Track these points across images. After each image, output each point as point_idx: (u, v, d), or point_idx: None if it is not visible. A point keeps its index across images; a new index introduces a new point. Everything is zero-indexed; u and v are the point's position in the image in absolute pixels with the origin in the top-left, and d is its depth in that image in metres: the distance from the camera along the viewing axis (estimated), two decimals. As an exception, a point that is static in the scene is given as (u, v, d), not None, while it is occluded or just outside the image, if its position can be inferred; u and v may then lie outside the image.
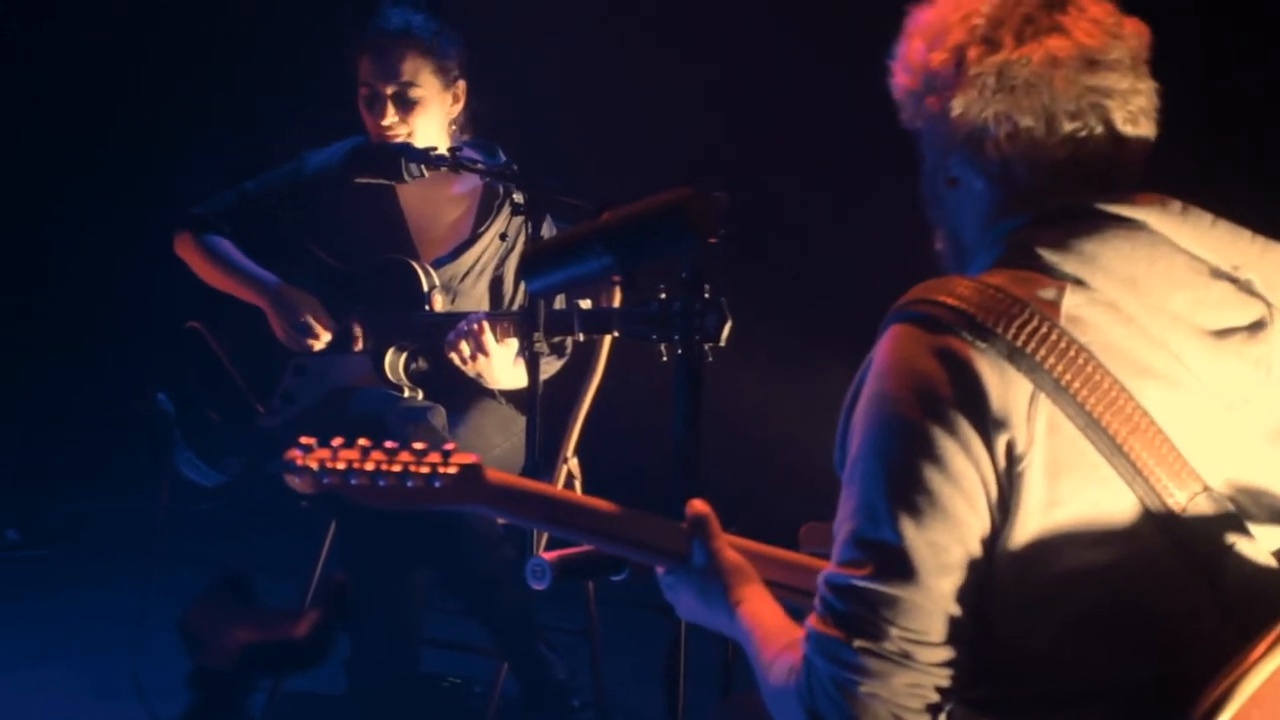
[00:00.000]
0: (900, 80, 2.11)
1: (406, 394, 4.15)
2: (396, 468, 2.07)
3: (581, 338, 3.66)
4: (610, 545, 2.26)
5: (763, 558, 2.28)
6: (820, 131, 5.76)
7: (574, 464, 4.09)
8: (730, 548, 2.23)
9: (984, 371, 1.87)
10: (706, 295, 2.58)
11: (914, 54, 2.08)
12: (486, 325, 3.92)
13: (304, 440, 2.09)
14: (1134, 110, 2.03)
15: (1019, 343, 1.87)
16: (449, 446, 2.09)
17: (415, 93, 4.20)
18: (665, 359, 3.30)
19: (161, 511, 4.28)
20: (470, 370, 4.01)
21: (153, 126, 6.39)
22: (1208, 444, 1.93)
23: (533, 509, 2.21)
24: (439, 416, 4.06)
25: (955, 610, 1.88)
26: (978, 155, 2.03)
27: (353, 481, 2.07)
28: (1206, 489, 1.91)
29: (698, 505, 2.26)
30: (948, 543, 1.87)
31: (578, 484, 4.09)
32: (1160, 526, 1.90)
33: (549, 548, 2.50)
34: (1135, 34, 2.05)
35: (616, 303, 3.60)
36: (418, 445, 2.08)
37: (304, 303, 4.19)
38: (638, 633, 4.60)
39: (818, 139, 5.76)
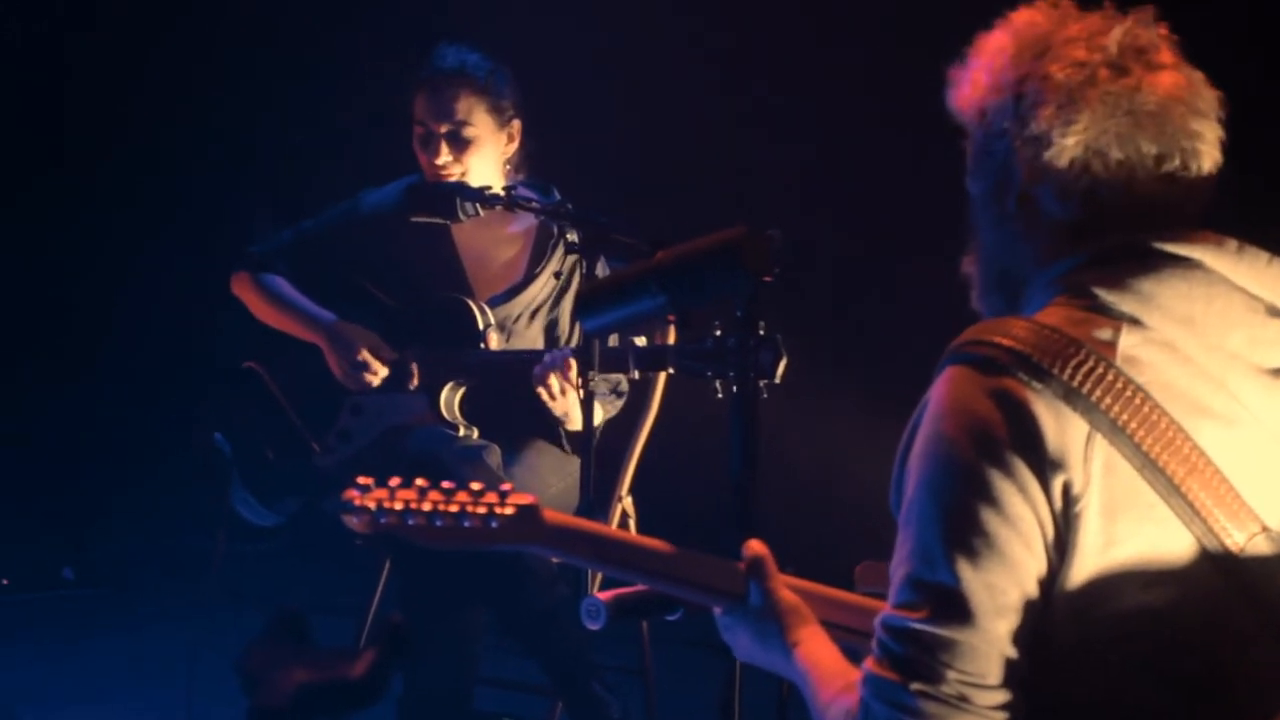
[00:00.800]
0: (983, 92, 2.08)
1: (462, 432, 4.16)
2: (454, 508, 2.07)
3: (636, 375, 3.65)
4: (667, 586, 2.26)
5: (819, 598, 2.27)
6: (881, 167, 5.75)
7: (628, 503, 4.09)
8: (786, 588, 2.22)
9: (1040, 413, 1.85)
10: (761, 332, 2.57)
11: (1013, 64, 2.05)
12: (574, 361, 3.91)
13: (361, 480, 2.09)
14: (1214, 157, 2.02)
15: (1075, 383, 1.85)
16: (506, 487, 2.09)
17: (469, 132, 4.22)
18: (720, 396, 3.30)
19: (218, 551, 4.29)
20: (557, 408, 4.00)
21: (221, 172, 6.43)
22: (1266, 483, 1.92)
23: (590, 549, 2.20)
24: (494, 455, 4.06)
25: (1012, 653, 1.86)
26: (1072, 179, 2.00)
27: (410, 521, 2.07)
28: (1265, 529, 1.90)
29: (755, 546, 2.25)
30: (1005, 585, 1.85)
31: (632, 523, 4.08)
32: (1219, 568, 1.88)
33: (604, 587, 2.49)
34: (1211, 85, 2.04)
35: (671, 341, 3.60)
36: (475, 485, 2.08)
37: (361, 339, 4.20)
38: (692, 672, 4.58)
39: (879, 175, 5.74)
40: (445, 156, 4.21)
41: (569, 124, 5.16)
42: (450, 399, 4.16)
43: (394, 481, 2.09)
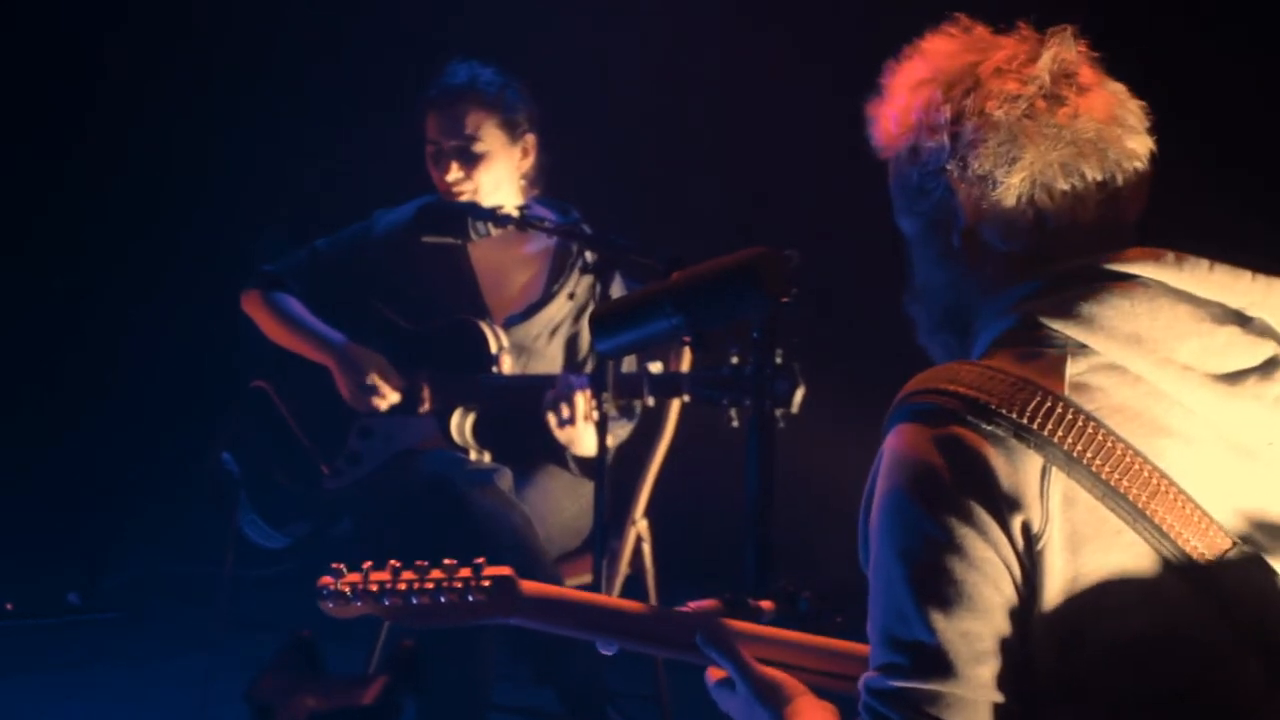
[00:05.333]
0: (912, 131, 2.06)
1: (473, 456, 4.14)
2: (429, 585, 2.07)
3: (651, 402, 3.64)
4: (653, 650, 2.25)
5: (802, 647, 2.24)
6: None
7: (643, 526, 4.08)
8: (760, 665, 2.18)
9: (990, 455, 1.84)
10: (779, 360, 2.55)
11: (944, 101, 2.03)
12: (587, 392, 3.88)
13: (334, 566, 2.10)
14: (1144, 173, 2.03)
15: (1024, 419, 1.84)
16: (479, 561, 2.08)
17: (479, 147, 4.21)
18: (735, 424, 3.28)
19: (227, 575, 4.27)
20: (563, 436, 3.97)
21: (235, 197, 6.42)
22: (1233, 495, 1.90)
23: (570, 618, 2.21)
24: (505, 479, 4.04)
25: (998, 696, 1.85)
26: (1018, 214, 2.00)
27: (385, 603, 2.07)
28: (1235, 543, 1.88)
29: (711, 630, 2.21)
30: (980, 630, 1.84)
31: (646, 546, 4.08)
32: (1193, 586, 1.86)
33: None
34: (1128, 96, 2.05)
35: (686, 364, 3.58)
36: (448, 561, 2.08)
37: (371, 362, 4.18)
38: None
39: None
40: (456, 173, 4.20)
41: (585, 141, 5.15)
42: (462, 423, 4.15)
43: (366, 565, 2.09)
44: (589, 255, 3.86)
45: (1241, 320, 1.96)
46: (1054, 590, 1.84)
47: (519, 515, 3.94)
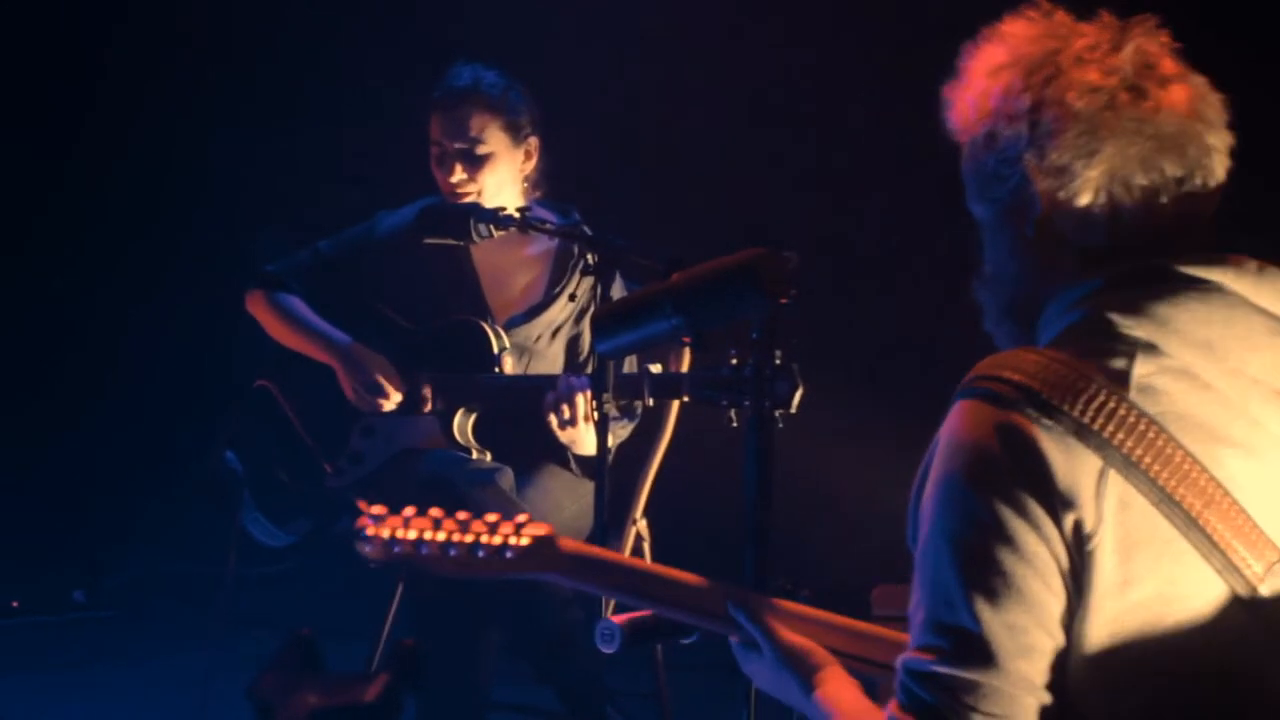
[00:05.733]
0: (989, 117, 2.03)
1: (475, 456, 4.15)
2: (468, 538, 2.06)
3: (651, 402, 3.64)
4: (684, 615, 2.24)
5: (831, 627, 2.24)
6: (906, 186, 5.74)
7: (643, 525, 4.08)
8: (792, 632, 2.19)
9: (1048, 449, 1.83)
10: (777, 360, 2.56)
11: (1024, 89, 1.99)
12: (588, 394, 3.89)
13: (376, 509, 2.08)
14: (1226, 166, 1.99)
15: (1086, 419, 1.82)
16: (522, 518, 2.08)
17: (482, 149, 4.22)
18: (735, 425, 3.29)
19: (230, 573, 4.28)
20: (564, 436, 3.99)
21: (235, 195, 6.43)
22: None
23: (606, 578, 2.19)
24: (507, 479, 4.06)
25: (1037, 692, 1.84)
26: (1095, 207, 1.96)
27: (423, 551, 2.06)
28: None
29: (742, 599, 2.22)
30: (1026, 624, 1.83)
31: (646, 546, 4.08)
32: (1239, 601, 1.86)
33: (618, 611, 2.48)
34: (1215, 95, 2.01)
35: (686, 365, 3.59)
36: (491, 516, 2.07)
37: (374, 362, 4.19)
38: (707, 696, 4.56)
39: (902, 192, 5.74)
40: (459, 175, 4.21)
41: (585, 142, 5.16)
42: (464, 424, 4.16)
43: (408, 511, 2.08)
44: (590, 257, 3.87)
45: None
46: (1101, 593, 1.83)
47: (520, 515, 3.94)
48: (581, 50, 5.97)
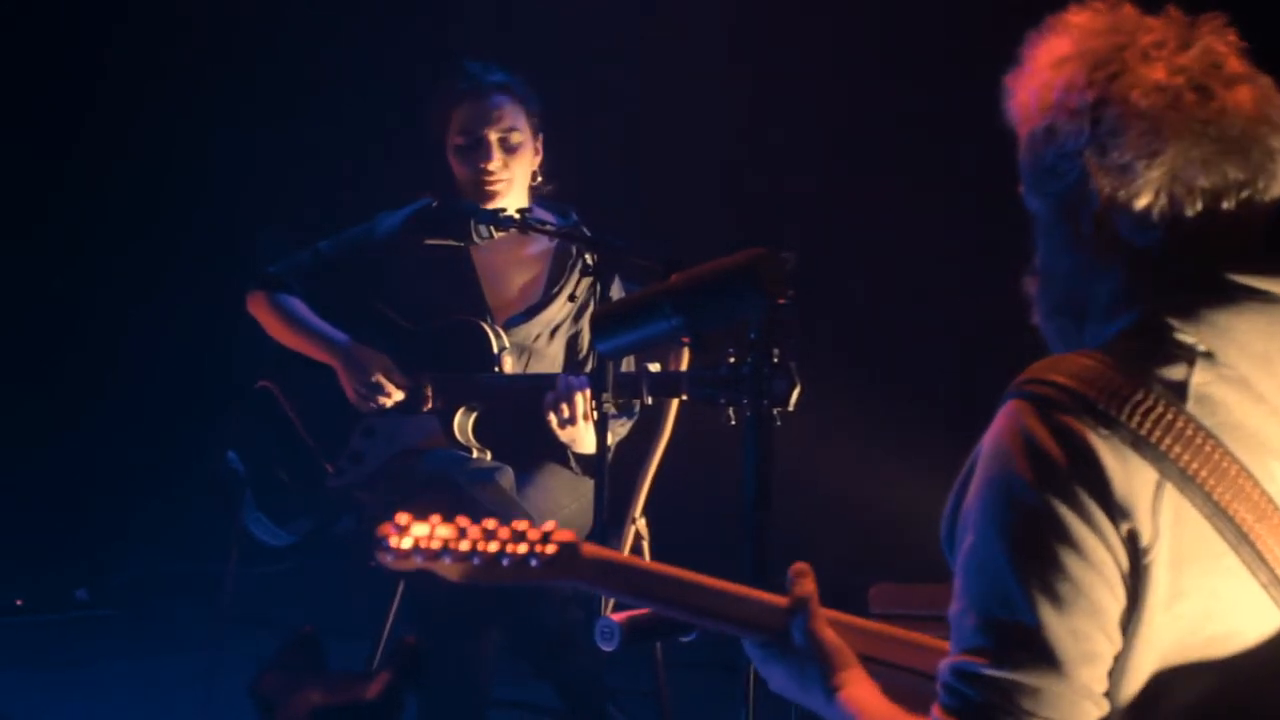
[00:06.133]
0: (1050, 110, 1.96)
1: (475, 455, 4.16)
2: (493, 547, 2.02)
3: (650, 401, 3.65)
4: (705, 621, 2.17)
5: (858, 631, 2.18)
6: (904, 185, 5.75)
7: (642, 524, 4.09)
8: (829, 627, 2.12)
9: (1105, 457, 1.78)
10: (775, 359, 2.56)
11: (1087, 83, 1.93)
12: (587, 392, 3.90)
13: (399, 518, 2.05)
14: (1271, 171, 1.93)
15: (1143, 431, 1.79)
16: (549, 525, 2.05)
17: (516, 138, 4.25)
18: (733, 423, 3.30)
19: (231, 572, 4.29)
20: (564, 435, 4.00)
21: (235, 195, 6.44)
22: None
23: (627, 584, 2.12)
24: (507, 478, 4.07)
25: (1098, 700, 1.81)
26: (1155, 208, 1.90)
27: (446, 560, 2.02)
28: None
29: (804, 585, 2.14)
30: (1090, 630, 1.79)
31: (645, 544, 4.09)
32: None
33: (617, 609, 2.49)
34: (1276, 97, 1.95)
35: (685, 365, 3.60)
36: (520, 524, 2.04)
37: (375, 362, 4.20)
38: (705, 694, 4.58)
39: (901, 193, 5.75)
40: (497, 161, 4.22)
41: (585, 142, 5.17)
42: (464, 423, 4.17)
43: (435, 518, 2.05)
44: (589, 257, 3.88)
45: None
46: (1152, 609, 1.79)
47: (520, 513, 3.96)
48: (581, 50, 5.97)
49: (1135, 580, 1.79)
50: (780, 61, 6.02)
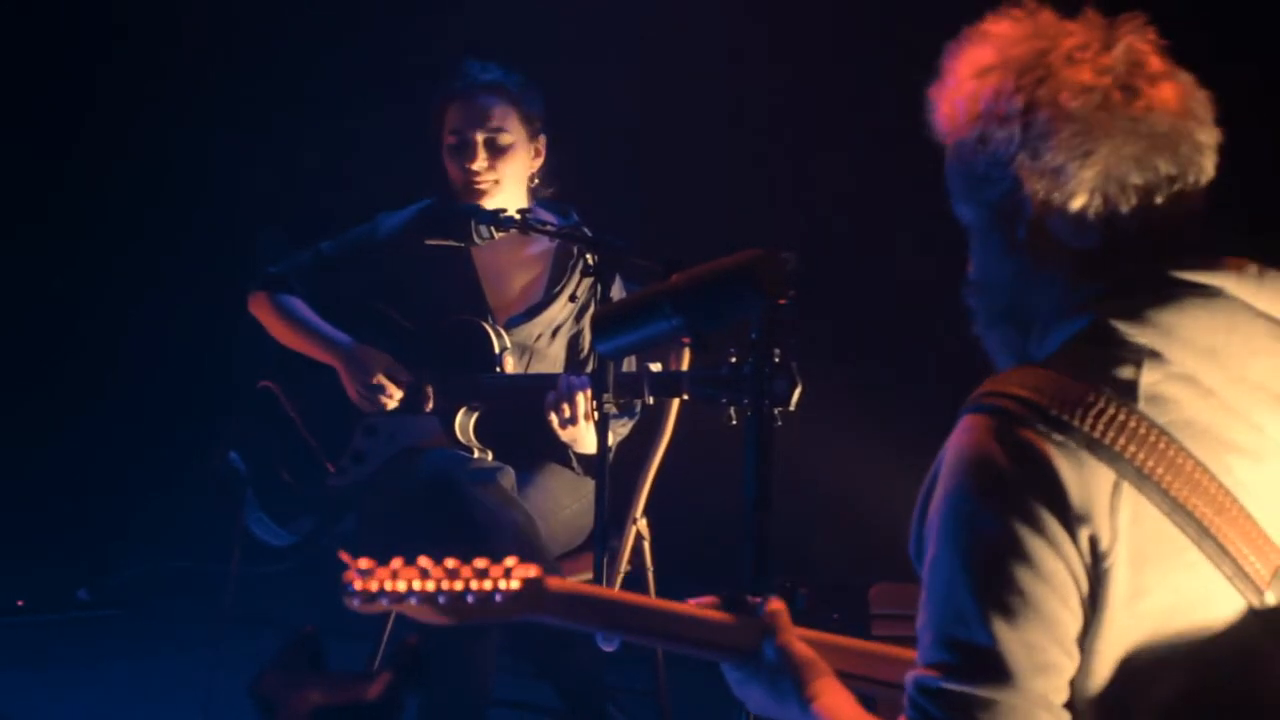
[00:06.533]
0: (979, 119, 1.99)
1: (476, 455, 4.16)
2: (458, 585, 2.03)
3: (651, 400, 3.65)
4: (677, 647, 2.21)
5: (833, 648, 2.23)
6: (906, 185, 5.74)
7: (643, 524, 4.09)
8: (801, 641, 2.16)
9: (1060, 465, 1.81)
10: (776, 359, 2.57)
11: (1015, 89, 1.96)
12: (588, 392, 3.90)
13: (362, 563, 2.06)
14: (1214, 163, 1.98)
15: (1096, 433, 1.81)
16: (509, 562, 2.07)
17: (505, 139, 4.24)
18: (734, 423, 3.30)
19: (233, 572, 4.30)
20: (565, 435, 4.00)
21: (235, 195, 6.44)
22: None
23: (596, 616, 2.15)
24: (508, 478, 4.07)
25: (1054, 710, 1.83)
26: (1090, 209, 1.94)
27: (412, 601, 2.03)
28: None
29: (773, 602, 2.18)
30: (1043, 643, 1.82)
31: (646, 544, 4.09)
32: (1250, 607, 1.86)
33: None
34: (1200, 86, 2.00)
35: (686, 365, 3.60)
36: (479, 562, 2.06)
37: (376, 362, 4.21)
38: (706, 694, 4.57)
39: (902, 192, 5.75)
40: (481, 162, 4.22)
41: (585, 141, 5.17)
42: (465, 423, 4.17)
43: (396, 562, 2.06)
44: (589, 257, 3.88)
45: None
46: (1114, 609, 1.82)
47: (521, 513, 3.96)
48: (581, 50, 5.97)
49: (1096, 584, 1.82)
50: (780, 61, 6.02)
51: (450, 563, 2.04)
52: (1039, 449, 1.82)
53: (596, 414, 3.67)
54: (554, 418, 3.94)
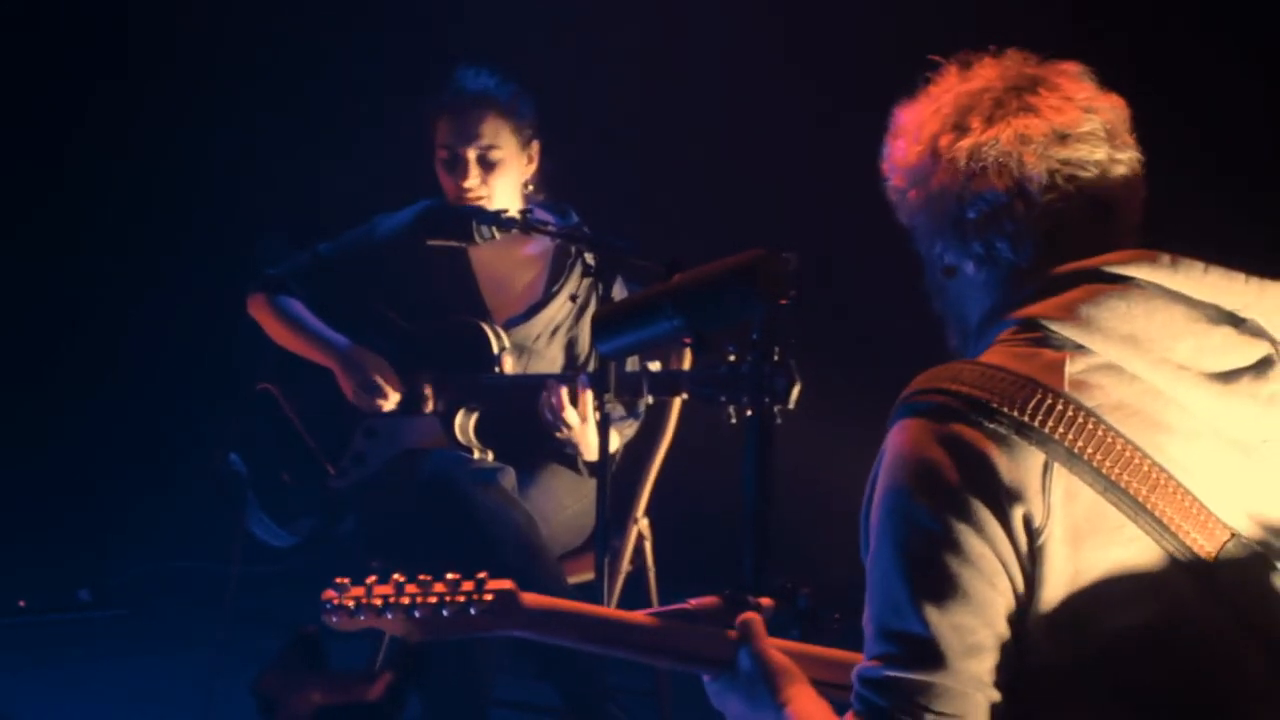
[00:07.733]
0: (892, 181, 2.22)
1: (476, 455, 4.16)
2: (431, 599, 2.06)
3: (651, 400, 3.66)
4: (653, 660, 2.28)
5: (809, 658, 2.27)
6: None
7: (644, 524, 4.10)
8: (776, 650, 2.22)
9: (991, 451, 1.89)
10: (776, 358, 2.57)
11: (897, 152, 2.20)
12: (590, 392, 3.90)
13: (338, 580, 2.09)
14: (1114, 179, 2.09)
15: (1025, 417, 1.89)
16: (481, 576, 2.09)
17: (495, 154, 4.23)
18: (734, 422, 3.30)
19: (234, 572, 4.30)
20: (562, 436, 4.00)
21: (235, 195, 6.43)
22: (1231, 490, 1.95)
23: (571, 630, 2.21)
24: (509, 478, 4.07)
25: (988, 690, 1.90)
26: (962, 239, 2.11)
27: (389, 617, 2.07)
28: (1235, 536, 1.92)
29: (747, 612, 2.26)
30: (972, 625, 1.89)
31: (648, 544, 4.09)
32: (1195, 579, 1.91)
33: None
34: (1111, 107, 2.13)
35: (687, 364, 3.60)
36: (451, 576, 2.08)
37: (373, 364, 4.21)
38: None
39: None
40: (473, 179, 4.22)
41: (585, 143, 5.18)
42: (465, 423, 4.17)
43: (371, 579, 2.09)
44: (589, 257, 3.88)
45: (1235, 321, 2.01)
46: (1055, 585, 1.88)
47: (522, 514, 3.96)
48: (581, 50, 5.98)
49: (1032, 563, 1.89)
50: (781, 61, 6.02)
51: (424, 577, 2.08)
52: (969, 439, 1.91)
53: (598, 414, 3.67)
54: (548, 417, 3.94)
